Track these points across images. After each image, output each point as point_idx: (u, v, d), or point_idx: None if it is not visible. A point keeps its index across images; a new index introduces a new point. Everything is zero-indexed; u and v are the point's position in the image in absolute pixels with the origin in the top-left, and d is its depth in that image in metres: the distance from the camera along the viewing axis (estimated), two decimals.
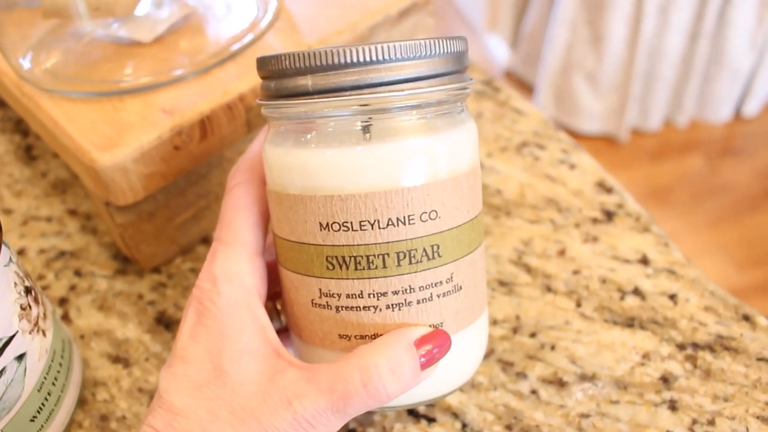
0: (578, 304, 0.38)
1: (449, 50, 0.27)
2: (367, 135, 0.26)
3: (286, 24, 0.42)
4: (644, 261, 0.40)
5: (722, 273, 1.51)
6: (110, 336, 0.39)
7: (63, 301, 0.41)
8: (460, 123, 0.28)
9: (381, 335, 0.27)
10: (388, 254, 0.26)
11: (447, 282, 0.28)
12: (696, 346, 0.36)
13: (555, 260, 0.41)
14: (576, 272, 0.40)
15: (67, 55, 0.41)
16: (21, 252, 0.44)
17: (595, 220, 0.43)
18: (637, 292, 0.39)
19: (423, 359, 0.26)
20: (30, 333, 0.31)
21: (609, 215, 0.43)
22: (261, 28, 0.41)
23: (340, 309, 0.27)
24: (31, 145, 0.53)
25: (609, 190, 0.45)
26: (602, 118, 1.81)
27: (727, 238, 1.60)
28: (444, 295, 0.28)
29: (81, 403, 0.36)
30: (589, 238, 0.42)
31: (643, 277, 0.40)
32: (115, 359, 0.38)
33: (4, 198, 0.48)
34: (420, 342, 0.27)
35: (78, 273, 0.43)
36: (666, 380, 0.35)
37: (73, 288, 0.42)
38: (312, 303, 0.28)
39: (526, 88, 1.99)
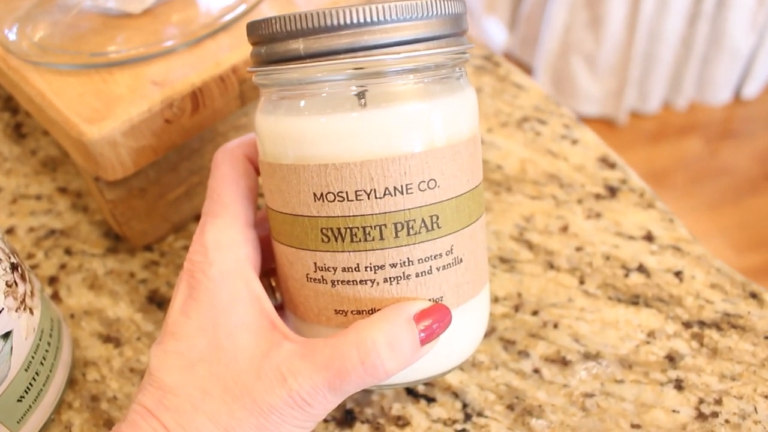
0: (581, 282, 0.37)
1: (447, 12, 0.26)
2: (363, 101, 0.25)
3: None
4: (649, 237, 0.39)
5: (721, 256, 1.50)
6: (101, 315, 0.38)
7: (53, 280, 0.40)
8: (459, 89, 0.27)
9: (378, 310, 0.26)
10: (385, 225, 0.25)
11: (447, 254, 0.27)
12: (702, 324, 0.35)
13: (557, 237, 0.40)
14: (579, 249, 0.39)
15: (54, 27, 0.40)
16: (10, 230, 0.43)
17: (598, 196, 0.42)
18: (641, 269, 0.38)
19: (422, 334, 0.25)
20: (16, 311, 0.30)
21: (612, 191, 0.42)
22: None
23: (336, 283, 0.26)
24: (21, 122, 0.51)
25: (612, 166, 0.44)
26: (601, 101, 1.79)
27: (726, 221, 1.59)
28: (444, 267, 0.27)
29: (71, 383, 0.35)
30: (592, 214, 0.41)
31: (647, 253, 0.39)
32: (106, 339, 0.37)
33: None
34: (419, 316, 0.26)
35: (68, 251, 0.41)
36: (672, 359, 0.34)
37: (63, 267, 0.41)
38: (307, 277, 0.27)
39: (525, 70, 1.97)
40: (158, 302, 0.38)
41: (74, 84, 0.35)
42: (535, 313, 0.36)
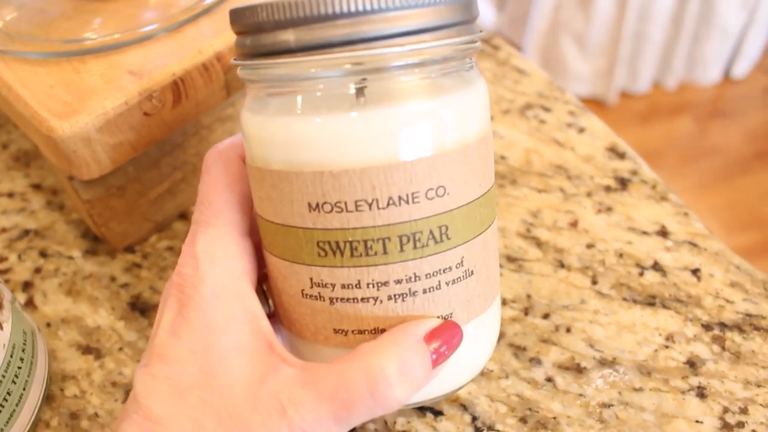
0: (594, 281, 0.35)
1: None
2: (362, 99, 0.22)
3: None
4: (663, 233, 0.37)
5: (711, 230, 1.50)
6: (80, 324, 0.35)
7: (27, 285, 0.37)
8: (470, 83, 0.24)
9: (382, 329, 0.24)
10: (389, 238, 0.23)
11: (457, 267, 0.24)
12: (723, 326, 0.33)
13: (567, 233, 0.37)
14: (590, 246, 0.37)
15: (21, 12, 0.37)
16: None
17: (608, 189, 0.40)
18: (657, 267, 0.36)
19: (434, 356, 0.23)
20: None
21: (623, 183, 0.40)
22: None
23: (334, 301, 0.24)
24: None
25: (622, 156, 0.41)
26: (590, 81, 1.77)
27: (717, 201, 1.58)
28: (453, 282, 0.24)
29: (48, 399, 0.32)
30: (602, 208, 0.38)
31: (662, 250, 0.36)
32: (86, 350, 0.34)
33: None
34: (430, 336, 0.23)
35: (43, 254, 0.39)
36: (693, 364, 0.32)
37: (38, 271, 0.38)
38: (302, 293, 0.25)
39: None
40: (141, 309, 0.36)
41: (43, 74, 0.32)
42: (546, 316, 0.34)
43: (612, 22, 1.66)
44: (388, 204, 0.22)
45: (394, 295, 0.23)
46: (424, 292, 0.24)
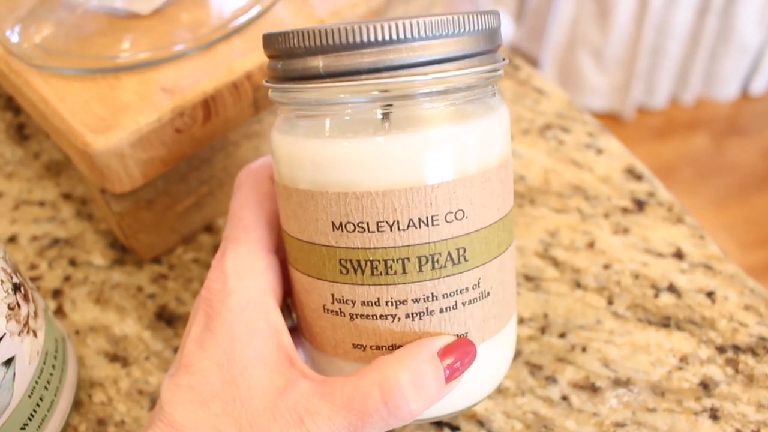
0: (610, 302, 0.36)
1: (481, 27, 0.24)
2: (386, 124, 0.23)
3: None
4: (679, 255, 0.38)
5: (726, 253, 1.49)
6: (107, 332, 0.36)
7: (57, 293, 0.38)
8: (492, 109, 0.25)
9: (399, 346, 0.25)
10: (408, 259, 0.24)
11: (474, 288, 0.25)
12: (737, 348, 0.34)
13: (584, 253, 0.38)
14: (606, 267, 0.37)
15: (58, 28, 0.38)
16: (12, 239, 0.41)
17: (625, 210, 0.40)
18: (672, 288, 0.36)
19: (447, 371, 0.24)
20: (19, 335, 0.28)
21: (640, 204, 0.40)
22: None
23: (354, 317, 0.25)
24: (24, 123, 0.50)
25: (639, 178, 0.42)
26: (607, 95, 1.77)
27: (732, 218, 1.57)
28: (470, 302, 0.25)
29: (76, 405, 0.33)
30: (619, 229, 0.39)
31: (678, 272, 0.37)
32: (113, 357, 0.35)
33: None
34: (443, 352, 0.24)
35: (73, 262, 0.40)
36: (706, 386, 0.32)
37: (67, 279, 0.39)
38: (324, 308, 0.26)
39: (531, 63, 1.95)
40: (167, 319, 0.37)
41: (79, 89, 0.34)
42: (562, 335, 0.34)
43: (630, 37, 1.66)
44: (409, 226, 0.23)
45: (412, 314, 0.24)
46: (441, 311, 0.24)
